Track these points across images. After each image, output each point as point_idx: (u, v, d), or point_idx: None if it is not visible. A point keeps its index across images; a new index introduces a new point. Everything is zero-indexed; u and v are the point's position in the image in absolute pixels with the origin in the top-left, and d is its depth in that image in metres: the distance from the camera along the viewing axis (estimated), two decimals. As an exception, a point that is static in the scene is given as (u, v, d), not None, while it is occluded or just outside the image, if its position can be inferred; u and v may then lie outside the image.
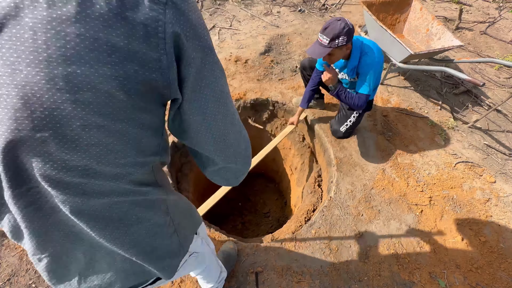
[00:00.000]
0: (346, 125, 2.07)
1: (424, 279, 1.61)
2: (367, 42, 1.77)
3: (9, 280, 1.44)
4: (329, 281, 1.56)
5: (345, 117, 2.07)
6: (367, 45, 1.75)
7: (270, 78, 2.72)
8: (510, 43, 3.58)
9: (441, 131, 2.42)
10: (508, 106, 2.81)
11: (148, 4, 0.35)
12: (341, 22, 1.56)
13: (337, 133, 2.13)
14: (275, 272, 1.57)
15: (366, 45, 1.74)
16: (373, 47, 1.75)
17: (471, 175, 2.14)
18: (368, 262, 1.65)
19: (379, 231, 1.79)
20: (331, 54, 1.67)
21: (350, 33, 1.58)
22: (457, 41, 2.53)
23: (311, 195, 2.23)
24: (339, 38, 1.56)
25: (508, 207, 1.96)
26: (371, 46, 1.75)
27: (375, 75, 1.76)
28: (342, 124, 2.08)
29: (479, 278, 1.64)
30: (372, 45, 1.75)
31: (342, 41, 1.57)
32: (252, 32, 3.23)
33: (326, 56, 1.69)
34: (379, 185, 2.01)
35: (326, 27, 1.58)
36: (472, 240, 1.80)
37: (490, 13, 4.10)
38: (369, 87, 1.78)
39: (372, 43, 1.78)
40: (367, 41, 1.77)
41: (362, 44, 1.75)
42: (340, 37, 1.56)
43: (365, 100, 1.82)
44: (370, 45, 1.75)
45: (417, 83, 2.86)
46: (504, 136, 2.53)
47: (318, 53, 1.63)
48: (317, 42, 1.64)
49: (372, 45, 1.76)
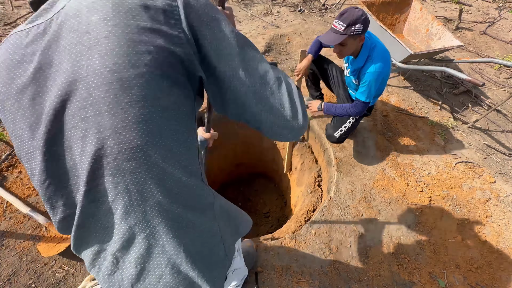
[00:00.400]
0: (340, 131, 2.01)
1: (424, 279, 1.61)
2: (379, 47, 1.69)
3: (9, 280, 1.44)
4: (329, 281, 1.56)
5: (341, 122, 2.01)
6: (377, 51, 1.67)
7: (270, 78, 2.72)
8: (510, 43, 3.58)
9: (441, 131, 2.42)
10: (508, 106, 2.81)
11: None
12: (358, 10, 1.50)
13: (331, 137, 2.08)
14: (275, 272, 1.57)
15: (377, 51, 1.67)
16: (383, 56, 1.67)
17: (471, 175, 2.14)
18: (368, 262, 1.65)
19: (379, 231, 1.79)
20: (343, 44, 1.60)
21: (366, 23, 1.52)
22: (457, 41, 2.53)
23: (311, 195, 2.23)
24: (356, 25, 1.49)
25: (508, 207, 1.96)
26: (380, 54, 1.67)
27: (376, 85, 1.70)
28: (337, 130, 2.01)
29: (479, 278, 1.64)
30: (382, 53, 1.68)
31: (358, 29, 1.50)
32: (252, 32, 3.23)
33: (337, 46, 1.63)
34: (379, 185, 2.01)
35: (343, 13, 1.52)
36: (472, 240, 1.80)
37: (490, 13, 4.11)
38: (368, 95, 1.72)
39: (383, 50, 1.70)
40: (380, 47, 1.69)
41: (374, 48, 1.68)
42: (357, 24, 1.49)
43: (362, 108, 1.78)
44: (380, 52, 1.67)
45: (417, 83, 2.86)
46: (504, 136, 2.53)
47: (332, 39, 1.56)
48: (331, 29, 1.58)
49: (382, 53, 1.68)
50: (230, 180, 3.42)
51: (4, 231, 1.60)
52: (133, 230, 0.51)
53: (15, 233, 1.60)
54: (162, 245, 0.53)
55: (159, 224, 0.50)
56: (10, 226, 1.62)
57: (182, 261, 0.55)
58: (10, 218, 1.65)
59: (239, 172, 3.36)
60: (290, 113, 0.55)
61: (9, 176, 1.82)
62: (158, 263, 0.54)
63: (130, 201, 0.47)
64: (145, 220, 0.50)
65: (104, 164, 0.44)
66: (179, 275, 0.56)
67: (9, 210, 1.68)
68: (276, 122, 0.55)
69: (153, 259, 0.54)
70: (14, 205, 1.67)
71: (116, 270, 0.56)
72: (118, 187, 0.46)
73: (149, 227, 0.51)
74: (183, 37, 0.45)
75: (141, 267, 0.55)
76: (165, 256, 0.54)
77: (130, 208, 0.48)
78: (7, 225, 1.62)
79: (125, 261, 0.55)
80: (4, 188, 1.75)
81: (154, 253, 0.53)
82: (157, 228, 0.51)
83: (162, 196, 0.48)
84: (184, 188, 0.51)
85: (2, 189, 1.72)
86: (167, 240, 0.52)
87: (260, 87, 0.52)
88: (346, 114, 1.86)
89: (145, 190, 0.47)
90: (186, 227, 0.54)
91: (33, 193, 1.76)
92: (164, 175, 0.47)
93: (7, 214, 1.67)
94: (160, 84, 0.43)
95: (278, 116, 0.55)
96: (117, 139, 0.43)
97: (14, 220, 1.65)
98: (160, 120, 0.44)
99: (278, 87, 0.54)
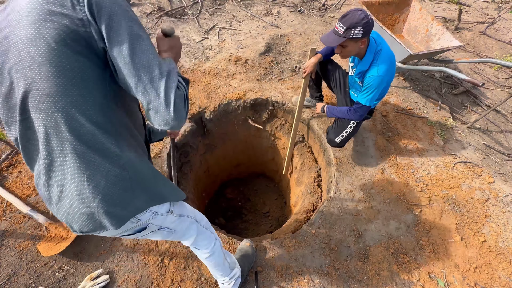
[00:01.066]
0: (341, 136, 2.00)
1: (423, 279, 1.62)
2: (385, 51, 1.66)
3: (9, 279, 1.44)
4: (329, 281, 1.56)
5: (342, 127, 1.99)
6: (383, 55, 1.65)
7: (270, 78, 2.72)
8: (509, 43, 3.59)
9: (440, 131, 2.42)
10: (507, 107, 2.82)
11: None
12: (361, 13, 1.48)
13: (332, 142, 2.07)
14: (274, 272, 1.57)
15: (382, 55, 1.65)
16: (387, 60, 1.65)
17: (470, 175, 2.15)
18: (368, 262, 1.66)
19: (379, 231, 1.79)
20: (344, 46, 1.59)
21: (368, 27, 1.49)
22: (457, 41, 2.53)
23: (311, 195, 2.24)
24: (356, 28, 1.48)
25: (507, 207, 1.97)
26: (385, 58, 1.64)
27: (379, 90, 1.68)
28: (338, 135, 2.00)
29: (478, 277, 1.65)
30: (387, 57, 1.65)
31: (358, 33, 1.49)
32: (252, 32, 3.23)
33: (338, 47, 1.63)
34: (379, 185, 2.01)
35: (345, 15, 1.50)
36: (471, 239, 1.80)
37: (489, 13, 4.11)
38: (370, 99, 1.71)
39: (389, 54, 1.67)
40: (386, 50, 1.67)
41: (380, 51, 1.65)
42: (357, 28, 1.47)
43: (363, 112, 1.77)
44: (385, 56, 1.65)
45: (416, 83, 2.86)
46: (503, 136, 2.53)
47: (331, 41, 1.56)
48: (333, 30, 1.57)
49: (387, 57, 1.65)
50: (230, 180, 3.42)
51: (4, 230, 1.60)
52: (51, 156, 0.69)
53: (15, 233, 1.60)
54: (71, 174, 0.69)
55: (67, 155, 0.68)
56: (10, 226, 1.62)
57: (86, 190, 0.70)
58: (10, 217, 1.66)
59: (239, 172, 3.36)
60: (163, 102, 0.66)
61: (9, 176, 1.82)
62: (70, 189, 0.71)
63: (47, 132, 0.66)
64: (58, 149, 0.68)
65: (29, 102, 0.64)
66: (83, 203, 0.72)
67: (9, 210, 1.68)
68: (150, 104, 0.67)
69: (66, 186, 0.71)
70: (14, 205, 1.67)
71: (45, 189, 0.74)
72: (38, 120, 0.65)
73: (61, 155, 0.68)
74: (85, 19, 0.62)
75: (60, 190, 0.72)
76: (74, 183, 0.70)
77: (47, 137, 0.67)
78: (7, 224, 1.62)
79: (50, 182, 0.73)
80: (4, 187, 1.75)
81: (67, 180, 0.70)
82: (66, 158, 0.68)
83: (69, 133, 0.66)
84: (86, 132, 0.67)
85: (2, 189, 1.72)
86: (73, 169, 0.69)
87: (141, 73, 0.65)
88: (347, 118, 1.86)
89: (56, 126, 0.65)
90: (89, 163, 0.69)
91: (33, 193, 1.76)
92: (69, 117, 0.65)
93: (7, 213, 1.67)
94: (64, 52, 0.61)
95: (151, 100, 0.67)
96: (36, 86, 0.62)
97: (14, 219, 1.65)
98: (66, 78, 0.62)
99: (158, 78, 0.66)
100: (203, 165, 2.74)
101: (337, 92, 2.14)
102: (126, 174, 0.75)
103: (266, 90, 2.58)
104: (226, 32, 3.21)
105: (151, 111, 0.67)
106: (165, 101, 0.66)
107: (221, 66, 2.76)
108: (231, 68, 2.75)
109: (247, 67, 2.78)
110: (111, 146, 0.72)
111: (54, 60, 0.61)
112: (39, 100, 0.63)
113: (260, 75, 2.72)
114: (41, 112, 0.64)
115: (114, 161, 0.73)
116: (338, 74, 2.08)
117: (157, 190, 0.86)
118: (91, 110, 0.67)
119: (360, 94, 1.76)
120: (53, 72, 0.61)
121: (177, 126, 0.69)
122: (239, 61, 2.82)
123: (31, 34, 0.60)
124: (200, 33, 3.16)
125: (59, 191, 0.72)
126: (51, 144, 0.67)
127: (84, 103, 0.65)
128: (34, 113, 0.65)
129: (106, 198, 0.72)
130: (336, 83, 2.10)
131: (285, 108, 2.53)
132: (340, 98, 2.11)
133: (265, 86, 2.62)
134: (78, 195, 0.71)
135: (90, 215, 0.73)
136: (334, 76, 2.09)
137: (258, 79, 2.68)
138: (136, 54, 0.64)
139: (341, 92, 2.09)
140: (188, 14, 3.39)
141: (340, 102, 2.13)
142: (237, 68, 2.76)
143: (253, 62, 2.82)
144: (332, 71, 2.09)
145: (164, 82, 0.66)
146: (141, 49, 0.66)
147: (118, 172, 0.73)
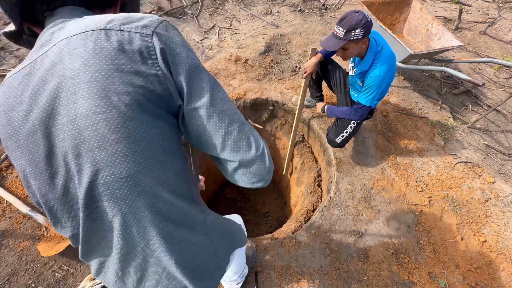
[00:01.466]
0: (342, 136, 1.99)
1: (423, 279, 1.61)
2: (385, 50, 1.66)
3: (8, 279, 1.44)
4: (329, 281, 1.56)
5: (342, 128, 1.98)
6: (383, 55, 1.64)
7: (270, 78, 2.72)
8: (509, 43, 3.58)
9: (440, 131, 2.42)
10: (508, 106, 2.81)
11: (139, 37, 0.48)
12: (359, 14, 1.48)
13: (332, 143, 2.07)
14: (274, 272, 1.57)
15: (383, 55, 1.64)
16: (388, 60, 1.64)
17: (471, 175, 2.15)
18: (368, 262, 1.65)
19: (379, 231, 1.79)
20: (345, 48, 1.59)
21: (368, 27, 1.49)
22: (457, 41, 2.53)
23: (311, 195, 2.24)
24: (356, 30, 1.48)
25: (507, 207, 1.97)
26: (386, 58, 1.64)
27: (379, 90, 1.68)
28: (338, 135, 1.99)
29: (479, 278, 1.65)
30: (387, 57, 1.64)
31: (359, 34, 1.49)
32: (252, 32, 3.23)
33: (340, 50, 1.62)
34: (379, 185, 2.01)
35: (343, 18, 1.51)
36: (471, 240, 1.80)
37: (490, 13, 4.11)
38: (371, 99, 1.71)
39: (389, 54, 1.67)
40: (386, 50, 1.66)
41: (380, 51, 1.65)
42: (357, 29, 1.47)
43: (364, 112, 1.77)
44: (386, 56, 1.64)
45: (416, 83, 2.86)
46: (503, 136, 2.53)
47: (331, 45, 1.56)
48: (332, 34, 1.57)
49: (388, 57, 1.64)
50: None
51: (4, 230, 1.60)
52: (130, 245, 0.58)
53: (15, 233, 1.60)
54: (156, 256, 0.60)
55: (152, 238, 0.57)
56: (9, 226, 1.62)
57: (175, 270, 0.61)
58: (10, 217, 1.65)
59: (239, 172, 3.35)
60: (260, 155, 0.57)
61: (9, 176, 1.82)
62: (155, 270, 0.62)
63: (125, 221, 0.54)
64: (139, 236, 0.57)
65: (99, 192, 0.51)
66: (174, 280, 0.63)
67: (8, 210, 1.68)
68: (244, 160, 0.57)
69: (150, 267, 0.61)
70: (13, 205, 1.67)
71: (119, 278, 0.63)
72: (113, 210, 0.53)
73: (143, 241, 0.57)
74: (161, 74, 0.49)
75: (140, 274, 0.62)
76: (160, 265, 0.61)
77: (125, 226, 0.55)
78: (7, 224, 1.62)
79: (126, 270, 0.62)
80: (4, 187, 1.75)
81: (151, 263, 0.61)
82: (151, 242, 0.58)
83: (153, 216, 0.55)
84: (173, 209, 0.57)
85: (1, 189, 1.72)
86: (160, 252, 0.59)
87: (229, 126, 0.54)
88: (348, 118, 1.87)
89: (137, 211, 0.53)
90: (178, 241, 0.60)
91: (32, 193, 1.76)
92: (153, 198, 0.53)
93: (6, 213, 1.67)
94: (142, 120, 0.48)
95: (244, 156, 0.56)
96: (108, 171, 0.49)
97: (14, 219, 1.65)
98: (147, 151, 0.50)
99: (248, 130, 0.57)
100: (203, 165, 2.74)
101: (337, 92, 2.14)
102: (208, 239, 0.68)
103: (266, 90, 2.57)
104: (226, 32, 3.21)
105: (241, 169, 0.57)
106: (261, 154, 0.56)
107: (221, 66, 2.75)
108: (231, 68, 2.74)
109: (247, 67, 2.77)
110: (196, 214, 0.64)
111: (132, 133, 0.47)
112: (114, 187, 0.50)
113: (260, 75, 2.72)
114: (117, 201, 0.52)
115: (201, 230, 0.65)
116: (339, 74, 2.07)
117: (232, 242, 0.82)
118: (172, 181, 0.55)
119: (361, 94, 1.75)
120: (132, 149, 0.48)
121: (270, 180, 0.60)
122: (239, 60, 2.82)
123: (97, 106, 0.45)
124: (200, 33, 3.16)
125: (138, 276, 0.63)
126: (130, 232, 0.56)
127: (165, 176, 0.54)
128: (108, 203, 0.52)
129: (192, 269, 0.65)
130: (336, 83, 2.10)
131: (285, 108, 2.53)
132: (341, 98, 2.11)
133: (265, 86, 2.62)
134: (166, 274, 0.62)
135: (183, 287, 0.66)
136: (334, 76, 2.09)
137: (258, 79, 2.68)
138: (218, 104, 0.53)
139: (341, 92, 2.09)
140: (188, 13, 3.39)
141: (341, 102, 2.13)
142: (237, 67, 2.76)
143: (253, 62, 2.82)
144: (333, 71, 2.09)
145: (250, 131, 0.56)
146: (222, 97, 0.55)
147: (203, 239, 0.66)
